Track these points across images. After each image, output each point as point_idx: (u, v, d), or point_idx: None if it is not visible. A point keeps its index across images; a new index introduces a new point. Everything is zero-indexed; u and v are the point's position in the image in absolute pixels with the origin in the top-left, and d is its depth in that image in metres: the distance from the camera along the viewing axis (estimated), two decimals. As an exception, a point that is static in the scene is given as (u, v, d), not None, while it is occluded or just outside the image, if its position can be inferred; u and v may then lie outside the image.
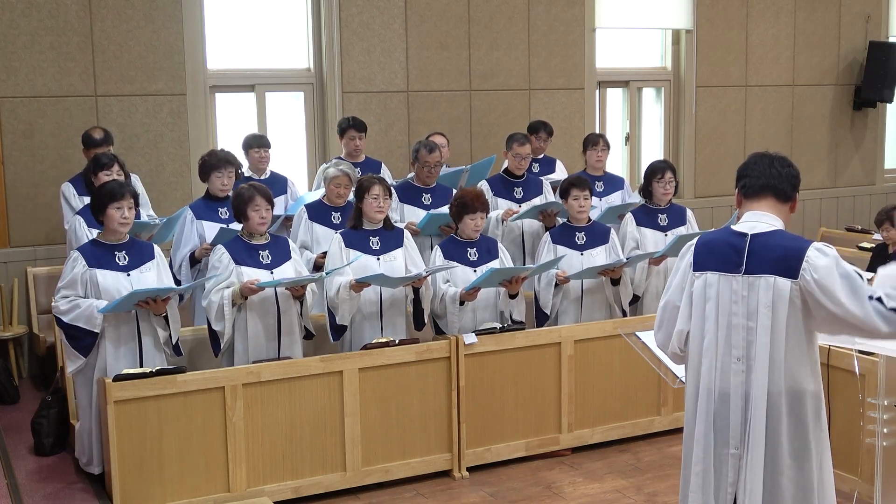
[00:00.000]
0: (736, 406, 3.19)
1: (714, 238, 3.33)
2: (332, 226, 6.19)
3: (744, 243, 3.23)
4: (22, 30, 7.35)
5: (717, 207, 10.23)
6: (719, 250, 3.26)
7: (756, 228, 3.25)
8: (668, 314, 3.38)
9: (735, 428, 3.20)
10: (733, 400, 3.20)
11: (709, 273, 3.26)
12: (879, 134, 11.30)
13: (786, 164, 3.33)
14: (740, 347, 3.19)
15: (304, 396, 5.22)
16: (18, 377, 7.24)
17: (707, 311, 3.24)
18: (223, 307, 5.23)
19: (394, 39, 8.61)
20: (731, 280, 3.21)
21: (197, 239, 6.11)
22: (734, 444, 3.20)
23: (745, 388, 3.18)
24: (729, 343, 3.20)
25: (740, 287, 3.20)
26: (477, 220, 5.78)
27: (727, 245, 3.25)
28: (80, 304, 5.07)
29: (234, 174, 6.21)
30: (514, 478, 5.60)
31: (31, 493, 5.27)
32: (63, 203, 6.80)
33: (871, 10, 10.99)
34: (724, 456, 3.22)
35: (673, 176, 6.48)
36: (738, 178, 3.38)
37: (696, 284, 3.28)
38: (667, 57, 10.16)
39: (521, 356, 5.72)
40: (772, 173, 3.29)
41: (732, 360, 3.20)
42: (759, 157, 3.34)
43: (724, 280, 3.22)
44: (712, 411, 3.22)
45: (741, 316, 3.19)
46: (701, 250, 3.31)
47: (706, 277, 3.26)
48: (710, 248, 3.29)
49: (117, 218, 5.15)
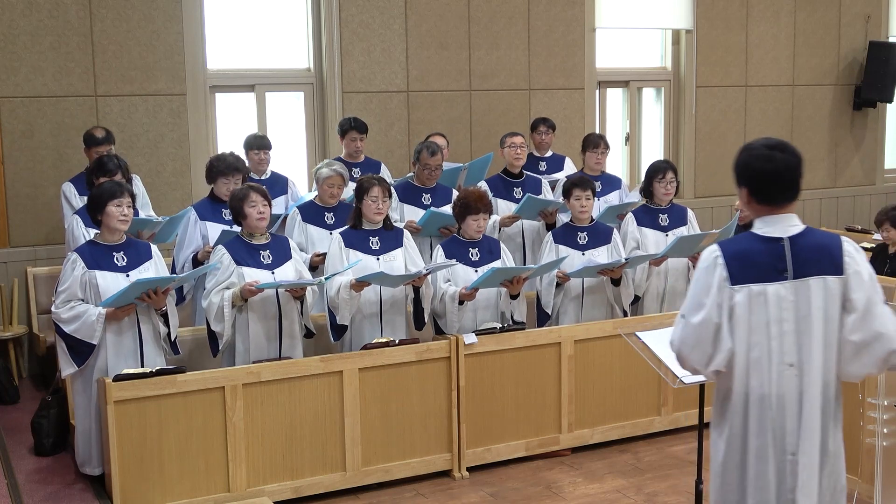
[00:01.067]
0: (791, 412, 3.15)
1: (745, 248, 3.17)
2: (326, 226, 6.19)
3: (782, 249, 3.15)
4: (22, 30, 7.35)
5: (717, 207, 10.23)
6: (757, 260, 3.14)
7: (788, 231, 3.17)
8: (705, 333, 3.15)
9: (791, 433, 3.16)
10: (788, 406, 3.15)
11: (752, 285, 3.13)
12: (879, 134, 11.30)
13: (795, 155, 3.16)
14: (792, 353, 3.14)
15: (304, 396, 5.22)
16: (18, 377, 7.24)
17: (754, 324, 3.14)
18: (223, 308, 5.23)
19: (394, 39, 8.61)
20: (779, 287, 3.13)
21: (200, 240, 6.08)
22: (791, 449, 3.17)
23: (798, 393, 3.15)
24: (781, 350, 3.14)
25: (788, 293, 3.13)
26: (480, 220, 5.78)
27: (764, 253, 3.15)
28: (81, 314, 5.05)
29: (240, 181, 6.08)
30: (514, 478, 5.59)
31: (31, 494, 5.27)
32: (63, 202, 6.80)
33: (871, 10, 10.99)
34: (784, 463, 3.17)
35: (674, 176, 6.48)
36: (748, 180, 3.19)
37: (736, 298, 3.13)
38: (667, 57, 10.16)
39: (521, 356, 5.72)
40: (792, 179, 3.15)
41: (785, 367, 3.14)
42: (773, 160, 3.13)
43: (771, 289, 3.13)
44: (768, 420, 3.16)
45: (791, 322, 3.14)
46: (734, 263, 3.14)
47: (749, 290, 3.13)
48: (745, 258, 3.15)
49: (117, 215, 5.14)
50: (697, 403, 4.49)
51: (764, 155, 3.15)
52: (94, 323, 5.03)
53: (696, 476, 4.51)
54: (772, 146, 3.17)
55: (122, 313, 5.10)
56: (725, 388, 3.23)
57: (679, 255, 6.28)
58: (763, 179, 3.16)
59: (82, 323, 5.04)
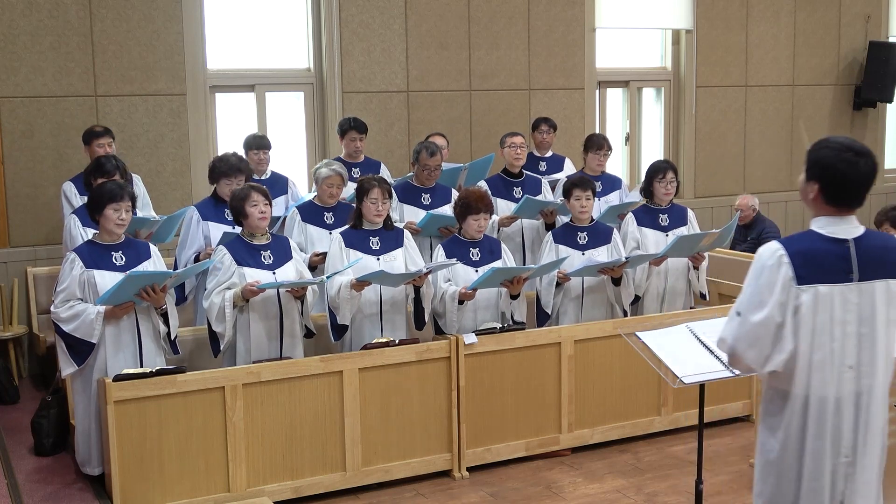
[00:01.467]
0: (848, 414, 3.15)
1: (810, 248, 3.13)
2: (326, 226, 6.19)
3: (848, 250, 3.14)
4: (22, 30, 7.35)
5: (717, 207, 10.23)
6: (824, 260, 3.11)
7: (851, 233, 3.16)
8: (765, 332, 3.10)
9: (847, 436, 3.16)
10: (846, 409, 3.15)
11: (819, 286, 3.10)
12: (879, 134, 11.30)
13: (875, 165, 3.15)
14: (853, 356, 3.13)
15: (304, 396, 5.22)
16: (18, 377, 7.24)
17: (819, 325, 3.11)
18: (224, 309, 5.23)
19: (394, 39, 8.61)
20: (844, 289, 3.12)
21: (202, 240, 6.08)
22: (846, 452, 3.16)
23: (855, 396, 3.15)
24: (843, 352, 3.13)
25: (853, 295, 3.12)
26: (480, 220, 5.78)
27: (830, 254, 3.12)
28: (80, 312, 5.05)
29: (243, 182, 6.04)
30: (514, 478, 5.59)
31: (30, 494, 5.27)
32: (64, 202, 6.79)
33: (871, 10, 10.99)
34: (838, 465, 3.16)
35: (674, 176, 6.48)
36: (823, 175, 3.12)
37: (802, 298, 3.09)
38: (667, 57, 10.16)
39: (521, 356, 5.72)
40: (867, 185, 3.14)
41: (845, 369, 3.13)
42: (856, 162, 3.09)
43: (837, 290, 3.11)
44: (827, 422, 3.14)
45: (853, 324, 3.13)
46: (801, 262, 3.09)
47: (816, 290, 3.09)
48: (812, 258, 3.11)
49: (114, 219, 5.14)
50: (697, 403, 4.48)
51: (850, 160, 3.10)
52: (94, 322, 5.02)
53: (696, 476, 4.50)
54: (858, 151, 3.11)
55: (121, 312, 5.09)
56: (782, 389, 3.19)
57: (679, 254, 6.28)
58: (842, 184, 3.11)
59: (81, 322, 5.04)
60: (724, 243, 6.69)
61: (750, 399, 6.35)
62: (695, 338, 4.33)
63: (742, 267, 7.36)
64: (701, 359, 4.24)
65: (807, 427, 3.15)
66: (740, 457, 5.82)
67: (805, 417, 3.16)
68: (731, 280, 7.04)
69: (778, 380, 3.18)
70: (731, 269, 7.37)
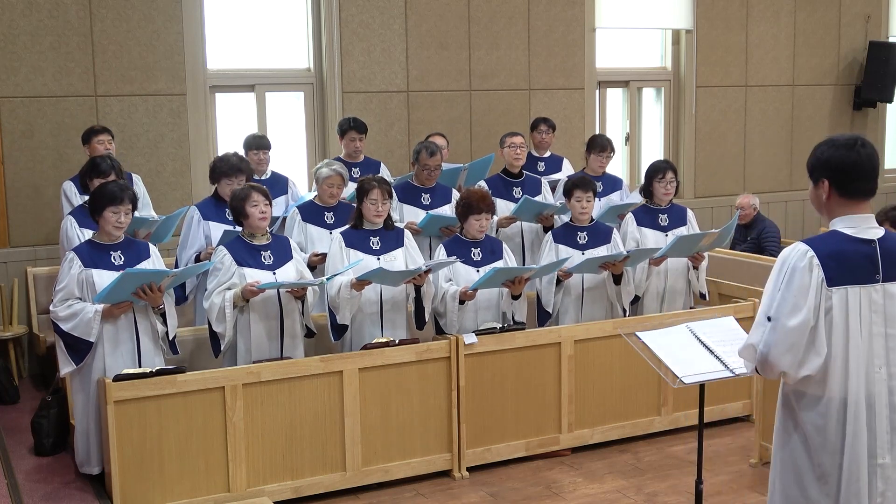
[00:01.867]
0: (882, 415, 3.14)
1: (839, 249, 3.12)
2: (326, 226, 6.19)
3: (875, 251, 3.14)
4: (22, 30, 7.35)
5: (717, 207, 10.23)
6: (853, 262, 3.11)
7: (874, 233, 3.16)
8: (801, 336, 3.07)
9: (882, 437, 3.15)
10: (879, 409, 3.14)
11: (849, 287, 3.10)
12: (879, 134, 11.30)
13: (874, 149, 3.17)
14: (881, 356, 3.14)
15: (304, 396, 5.22)
16: (18, 377, 7.23)
17: (851, 326, 3.11)
18: (224, 309, 5.23)
19: (394, 39, 8.61)
20: (871, 290, 3.13)
21: (203, 240, 6.07)
22: (881, 453, 3.15)
23: (889, 396, 3.15)
24: (871, 353, 3.13)
25: (878, 296, 3.13)
26: (482, 220, 5.78)
27: (859, 255, 3.12)
28: (78, 311, 5.05)
29: (244, 182, 6.01)
30: (514, 478, 5.59)
31: (30, 494, 5.27)
32: (64, 201, 6.79)
33: (871, 10, 10.99)
34: (874, 466, 3.15)
35: (674, 176, 6.48)
36: (831, 171, 3.13)
37: (833, 300, 3.09)
38: (667, 57, 10.16)
39: (521, 356, 5.72)
40: (874, 172, 3.14)
41: (875, 370, 3.13)
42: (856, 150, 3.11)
43: (864, 291, 3.12)
44: (863, 424, 3.14)
45: (880, 325, 3.14)
46: (830, 264, 3.09)
47: (846, 292, 3.10)
48: (841, 260, 3.11)
49: (112, 222, 5.14)
50: (697, 403, 4.48)
51: (848, 145, 3.12)
52: (91, 320, 5.03)
53: (696, 476, 4.50)
54: (853, 139, 3.14)
55: (118, 311, 5.08)
56: (815, 395, 3.16)
57: (678, 254, 6.27)
58: (849, 170, 3.12)
59: (79, 320, 5.04)
60: (723, 243, 6.69)
61: (750, 399, 6.35)
62: (695, 338, 4.33)
63: (742, 267, 7.39)
64: (701, 359, 4.24)
65: (846, 430, 3.13)
66: (740, 457, 5.82)
67: (843, 421, 3.13)
68: (732, 280, 7.05)
69: (808, 384, 3.16)
70: (732, 270, 7.38)
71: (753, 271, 7.08)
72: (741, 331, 4.42)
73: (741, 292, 6.70)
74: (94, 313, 5.03)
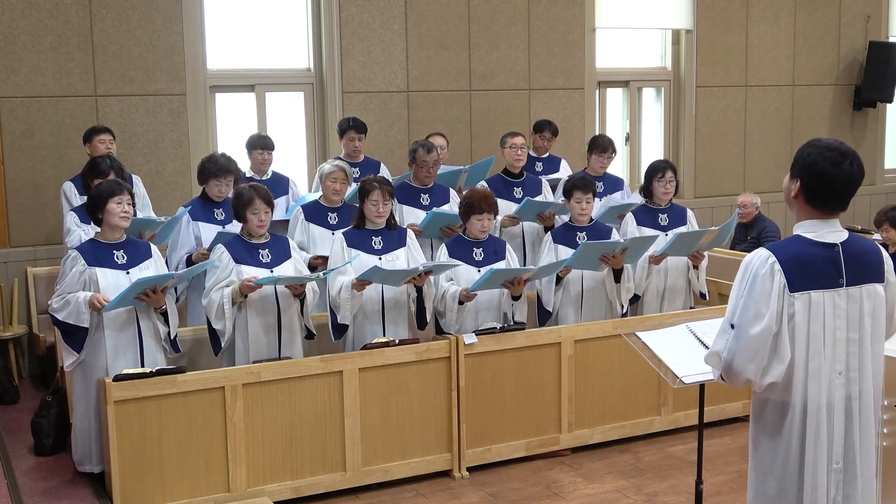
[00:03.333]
0: (839, 421, 3.13)
1: (801, 253, 3.08)
2: (329, 226, 6.19)
3: (837, 255, 3.10)
4: (22, 30, 7.35)
5: (716, 207, 10.23)
6: (816, 266, 3.08)
7: (838, 237, 3.12)
8: (764, 343, 3.05)
9: (838, 443, 3.13)
10: (836, 415, 3.12)
11: (812, 292, 3.07)
12: (879, 134, 11.30)
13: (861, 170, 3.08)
14: (842, 361, 3.11)
15: (304, 396, 5.22)
16: (18, 377, 7.23)
17: (813, 332, 3.08)
18: (223, 305, 5.23)
19: (394, 39, 8.61)
20: (834, 295, 3.09)
21: (193, 241, 6.08)
22: (836, 458, 3.14)
23: (845, 402, 3.13)
24: (833, 358, 3.10)
25: (842, 300, 3.10)
26: (484, 220, 5.78)
27: (821, 259, 3.09)
28: (70, 300, 5.09)
29: (232, 183, 6.09)
30: (514, 478, 5.59)
31: (30, 493, 5.27)
32: (63, 202, 6.79)
33: (871, 10, 11.00)
34: (830, 473, 3.15)
35: (673, 175, 6.48)
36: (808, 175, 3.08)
37: (796, 306, 3.05)
38: (667, 57, 10.16)
39: (521, 356, 5.72)
40: (850, 192, 3.08)
41: (835, 375, 3.11)
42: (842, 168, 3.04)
43: (828, 296, 3.08)
44: (823, 429, 3.12)
45: (843, 329, 3.11)
46: (793, 269, 3.05)
47: (809, 297, 3.06)
48: (804, 265, 3.08)
49: (118, 212, 5.15)
50: (697, 403, 4.48)
51: (834, 159, 3.04)
52: (81, 305, 5.06)
53: (696, 476, 4.50)
54: (843, 152, 3.06)
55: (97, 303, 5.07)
56: (778, 400, 3.15)
57: (678, 253, 6.27)
58: (821, 182, 3.06)
59: (71, 308, 5.08)
60: (723, 241, 6.69)
61: (749, 399, 6.33)
62: (695, 338, 4.32)
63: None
64: (701, 359, 4.23)
65: (806, 436, 3.12)
66: (740, 457, 5.82)
67: (804, 426, 3.12)
68: (732, 280, 7.02)
69: (773, 391, 3.15)
70: (731, 269, 7.36)
71: (753, 271, 7.07)
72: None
73: (741, 292, 6.68)
74: (84, 299, 5.06)
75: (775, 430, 3.18)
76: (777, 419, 3.17)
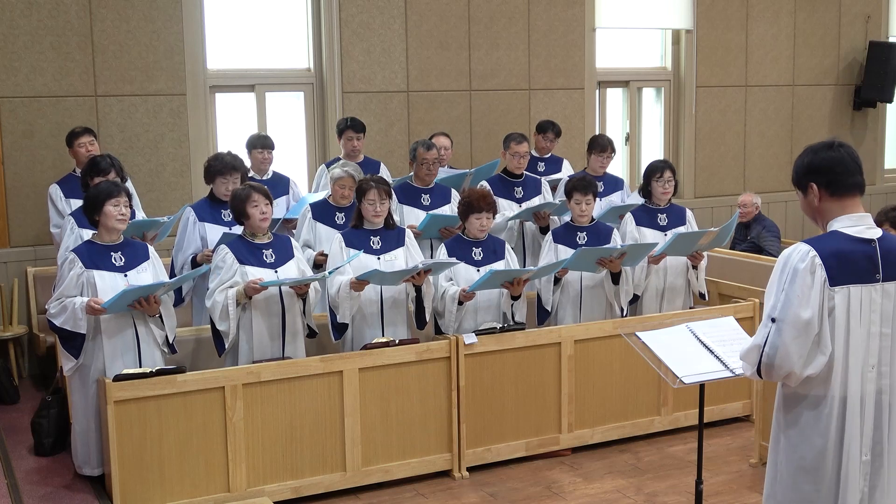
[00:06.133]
0: (869, 413, 3.18)
1: (840, 248, 3.14)
2: (336, 226, 6.19)
3: (875, 250, 3.16)
4: (22, 30, 7.36)
5: (716, 207, 10.23)
6: (854, 261, 3.14)
7: (873, 233, 3.19)
8: (807, 337, 3.10)
9: (867, 435, 3.18)
10: (867, 407, 3.17)
11: (851, 287, 3.13)
12: (879, 134, 11.30)
13: (853, 147, 3.23)
14: (875, 355, 3.17)
15: (304, 396, 5.22)
16: (18, 377, 7.23)
17: (852, 326, 3.14)
18: (227, 307, 5.23)
19: (394, 39, 8.61)
20: (871, 290, 3.15)
21: (199, 241, 6.06)
22: (866, 451, 3.18)
23: (876, 395, 3.18)
24: (867, 352, 3.16)
25: (877, 295, 3.16)
26: (483, 220, 5.78)
27: (859, 254, 3.15)
28: (67, 305, 5.08)
29: (239, 180, 6.02)
30: (514, 478, 5.59)
31: (30, 494, 5.27)
32: (49, 205, 6.78)
33: (871, 10, 10.99)
34: (861, 465, 3.18)
35: (672, 175, 6.48)
36: (816, 174, 3.19)
37: (836, 300, 3.11)
38: (667, 57, 10.16)
39: (521, 356, 5.72)
40: (857, 167, 3.19)
41: (867, 369, 3.16)
42: (835, 149, 3.19)
43: (865, 291, 3.14)
44: (857, 422, 3.17)
45: (877, 324, 3.17)
46: (832, 264, 3.11)
47: (849, 291, 3.13)
48: (843, 259, 3.13)
49: (115, 214, 5.14)
50: (697, 403, 4.48)
51: (825, 146, 3.20)
52: (78, 311, 5.05)
53: (696, 476, 4.51)
54: (829, 141, 3.23)
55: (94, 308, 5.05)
56: (814, 394, 3.18)
57: (677, 253, 6.27)
58: (832, 168, 3.17)
59: (68, 314, 5.07)
60: (723, 242, 6.69)
61: (750, 399, 6.35)
62: (695, 338, 4.33)
63: (742, 267, 7.38)
64: (701, 359, 4.24)
65: (845, 429, 3.16)
66: (740, 457, 5.82)
67: (843, 419, 3.16)
68: (731, 280, 7.04)
69: (809, 385, 3.17)
70: (731, 269, 7.38)
71: (753, 271, 7.08)
72: (741, 331, 4.43)
73: (741, 292, 6.70)
74: (80, 304, 5.05)
75: (809, 424, 3.20)
76: (812, 413, 3.19)
